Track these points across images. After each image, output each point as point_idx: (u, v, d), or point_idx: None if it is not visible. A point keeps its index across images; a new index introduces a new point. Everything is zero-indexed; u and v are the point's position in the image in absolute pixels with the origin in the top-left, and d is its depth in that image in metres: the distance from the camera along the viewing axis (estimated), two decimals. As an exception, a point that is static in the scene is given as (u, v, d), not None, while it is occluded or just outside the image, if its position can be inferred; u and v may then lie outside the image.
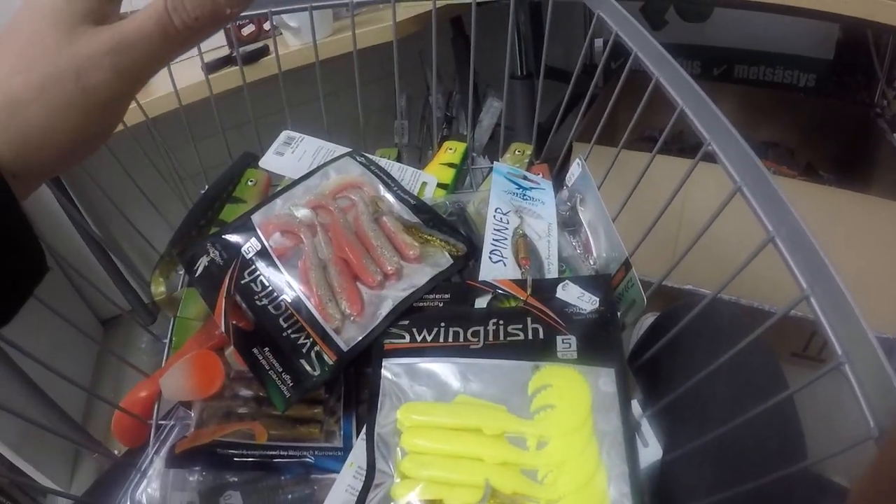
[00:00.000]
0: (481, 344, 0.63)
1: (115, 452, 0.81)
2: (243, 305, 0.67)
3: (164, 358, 0.79)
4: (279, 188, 0.84)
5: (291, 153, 0.93)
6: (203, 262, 0.72)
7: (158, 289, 0.83)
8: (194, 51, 0.99)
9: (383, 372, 0.62)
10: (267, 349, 0.64)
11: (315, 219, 0.75)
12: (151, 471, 0.66)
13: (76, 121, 0.36)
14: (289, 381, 0.62)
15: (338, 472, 0.60)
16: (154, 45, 0.38)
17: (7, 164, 0.34)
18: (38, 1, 0.37)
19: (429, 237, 0.73)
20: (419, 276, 0.70)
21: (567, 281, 0.67)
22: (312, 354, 0.63)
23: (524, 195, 0.82)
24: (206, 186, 0.99)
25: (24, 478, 1.47)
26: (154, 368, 0.78)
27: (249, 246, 0.72)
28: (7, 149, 0.34)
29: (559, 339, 0.62)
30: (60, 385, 1.29)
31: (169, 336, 0.80)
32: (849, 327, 0.42)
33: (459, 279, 0.72)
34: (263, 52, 1.37)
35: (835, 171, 1.71)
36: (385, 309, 0.67)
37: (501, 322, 0.64)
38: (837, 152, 1.73)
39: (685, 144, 1.69)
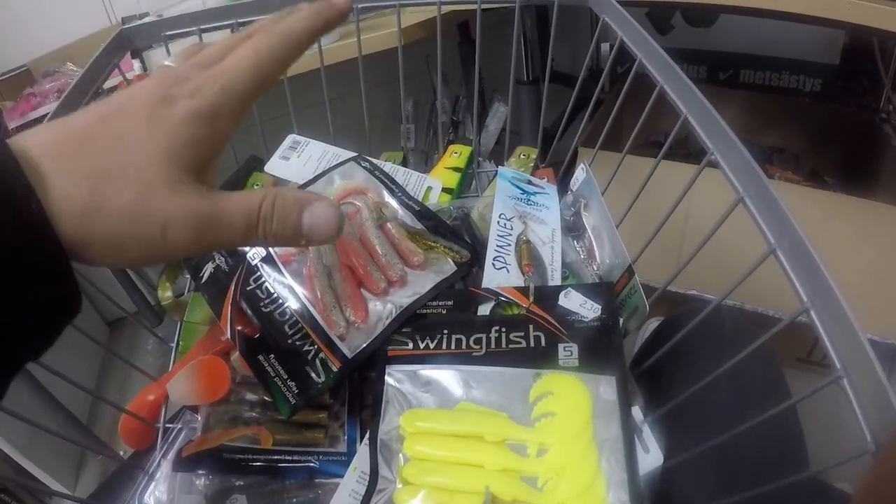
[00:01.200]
0: (483, 351, 0.63)
1: (121, 454, 0.82)
2: (249, 312, 0.68)
3: (171, 362, 0.80)
4: (285, 193, 0.84)
5: (297, 157, 0.94)
6: (209, 268, 0.72)
7: (165, 293, 0.83)
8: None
9: (387, 378, 0.63)
10: (272, 356, 0.65)
11: (320, 225, 0.75)
12: (159, 474, 0.67)
13: (141, 255, 0.38)
14: (294, 388, 0.63)
15: (341, 476, 0.60)
16: (234, 235, 0.40)
17: (67, 246, 0.34)
18: (156, 126, 0.38)
19: (433, 244, 0.73)
20: (423, 282, 0.70)
21: (569, 289, 0.67)
22: (317, 361, 0.64)
23: (528, 200, 0.82)
24: (213, 190, 0.99)
25: (30, 478, 1.48)
26: (159, 371, 0.79)
27: (255, 252, 0.73)
28: (70, 236, 0.34)
29: (561, 346, 0.62)
30: (66, 386, 1.29)
31: (176, 340, 0.81)
32: (847, 341, 0.42)
33: (463, 286, 0.72)
34: (270, 56, 1.37)
35: (840, 176, 1.71)
36: (389, 316, 0.67)
37: (504, 329, 0.65)
38: (843, 158, 1.73)
39: (690, 150, 1.69)
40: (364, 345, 0.65)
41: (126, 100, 0.39)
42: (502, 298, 0.68)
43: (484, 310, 0.67)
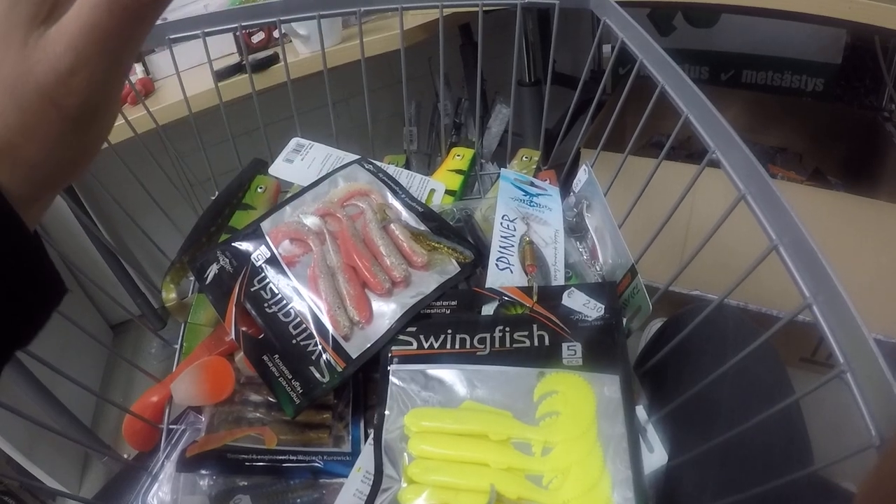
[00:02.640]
0: (487, 350, 0.63)
1: (125, 456, 0.82)
2: (253, 313, 0.68)
3: (175, 363, 0.80)
4: (288, 195, 0.85)
5: (301, 160, 0.94)
6: (213, 269, 0.73)
7: (169, 295, 0.84)
8: (204, 58, 1.00)
9: (391, 378, 0.63)
10: (277, 356, 0.65)
11: (324, 226, 0.76)
12: (162, 475, 0.67)
13: (76, 144, 0.34)
14: (298, 388, 0.63)
15: (346, 476, 0.61)
16: (115, 34, 0.32)
17: (21, 199, 0.32)
18: None
19: (436, 245, 0.74)
20: (427, 283, 0.70)
21: (573, 288, 0.67)
22: (321, 362, 0.64)
23: (531, 201, 0.83)
24: (216, 193, 1.00)
25: (33, 481, 1.48)
26: (163, 373, 0.79)
27: (259, 254, 0.73)
28: (16, 188, 0.32)
29: (564, 345, 0.62)
30: (70, 389, 1.29)
31: (180, 341, 0.81)
32: (851, 336, 0.42)
33: (466, 286, 0.72)
34: (273, 59, 1.37)
35: (842, 175, 1.71)
36: (393, 316, 0.67)
37: (507, 329, 0.65)
38: (845, 157, 1.73)
39: (692, 150, 1.69)
40: (368, 345, 0.65)
41: None
42: (506, 298, 0.68)
43: (488, 310, 0.68)
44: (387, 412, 0.61)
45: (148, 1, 0.31)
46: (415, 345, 0.65)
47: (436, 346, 0.65)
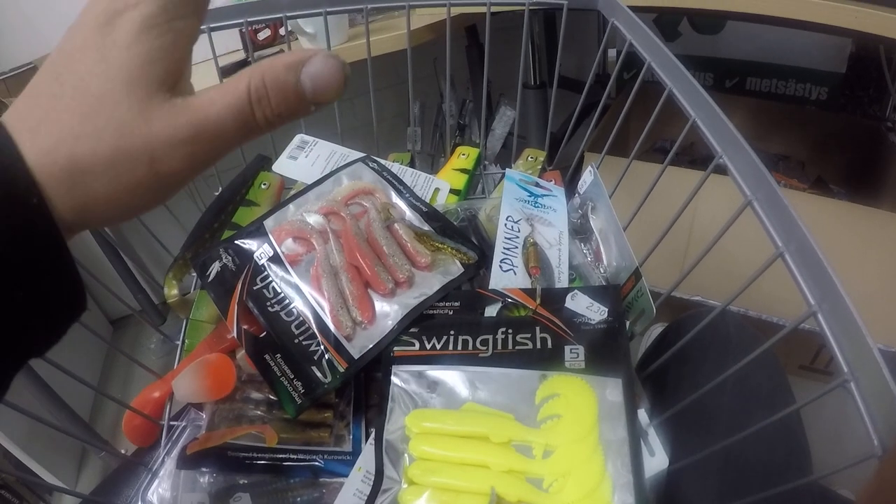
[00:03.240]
0: (490, 352, 0.63)
1: (123, 451, 0.82)
2: (255, 311, 0.68)
3: (177, 359, 0.80)
4: (292, 192, 0.85)
5: (305, 157, 0.94)
6: (216, 267, 0.73)
7: (171, 291, 0.83)
8: (209, 54, 1.00)
9: (393, 378, 0.63)
10: (279, 355, 0.65)
11: (327, 225, 0.75)
12: (162, 471, 0.67)
13: (143, 198, 0.35)
14: (300, 388, 0.63)
15: (346, 476, 0.60)
16: (231, 138, 0.36)
17: (67, 225, 0.32)
18: (109, 56, 0.33)
19: (440, 245, 0.74)
20: (430, 284, 0.70)
21: (576, 291, 0.67)
22: (324, 362, 0.64)
23: (536, 202, 0.83)
24: (220, 189, 0.99)
25: (31, 475, 1.48)
26: (163, 369, 0.79)
27: (262, 252, 0.73)
28: (67, 212, 0.32)
29: (567, 348, 0.62)
30: (68, 383, 1.29)
31: (181, 338, 0.81)
32: (855, 345, 0.42)
33: (470, 287, 0.72)
34: (278, 56, 1.37)
35: (845, 184, 1.71)
36: (396, 317, 0.67)
37: (510, 331, 0.65)
38: (848, 166, 1.73)
39: (695, 156, 1.69)
40: (371, 345, 0.65)
41: (71, 38, 0.35)
42: (509, 300, 0.68)
43: (491, 311, 0.67)
44: (388, 413, 0.61)
45: (263, 124, 0.36)
46: (417, 345, 0.65)
47: (438, 347, 0.65)
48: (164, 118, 0.34)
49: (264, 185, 0.95)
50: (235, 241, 0.75)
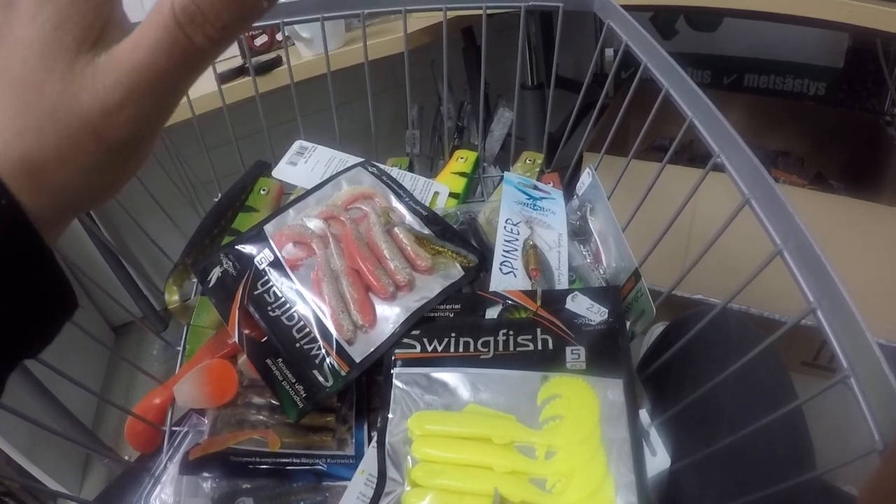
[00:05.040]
0: (491, 354, 0.63)
1: (126, 458, 0.82)
2: (256, 316, 0.68)
3: (178, 365, 0.80)
4: (292, 198, 0.85)
5: (304, 163, 0.94)
6: (216, 272, 0.73)
7: (172, 297, 0.84)
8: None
9: (394, 381, 0.63)
10: (280, 360, 0.65)
11: (327, 230, 0.76)
12: (165, 477, 0.67)
13: (109, 175, 0.33)
14: (302, 392, 0.63)
15: (349, 479, 0.61)
16: (174, 78, 0.31)
17: (45, 222, 0.31)
18: (18, 34, 0.30)
19: (440, 248, 0.74)
20: (431, 287, 0.70)
21: (576, 292, 0.67)
22: (325, 366, 0.64)
23: (534, 205, 0.83)
24: (219, 195, 1.00)
25: (34, 481, 1.48)
26: (165, 375, 0.79)
27: (262, 257, 0.73)
28: (40, 210, 0.31)
29: (568, 349, 0.62)
30: (71, 390, 1.29)
31: (182, 344, 0.81)
32: (855, 341, 0.42)
33: (470, 289, 0.72)
34: (276, 62, 1.37)
35: (844, 179, 1.71)
36: (397, 320, 0.67)
37: (511, 333, 0.65)
38: (847, 161, 1.73)
39: (694, 154, 1.69)
40: (372, 349, 0.65)
41: None
42: (510, 302, 0.68)
43: (492, 313, 0.68)
44: (390, 415, 0.61)
45: (207, 47, 0.30)
46: (418, 348, 0.65)
47: (439, 349, 0.65)
48: (91, 86, 0.30)
49: (264, 190, 0.95)
50: (236, 247, 0.75)
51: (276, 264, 0.73)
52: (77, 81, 0.30)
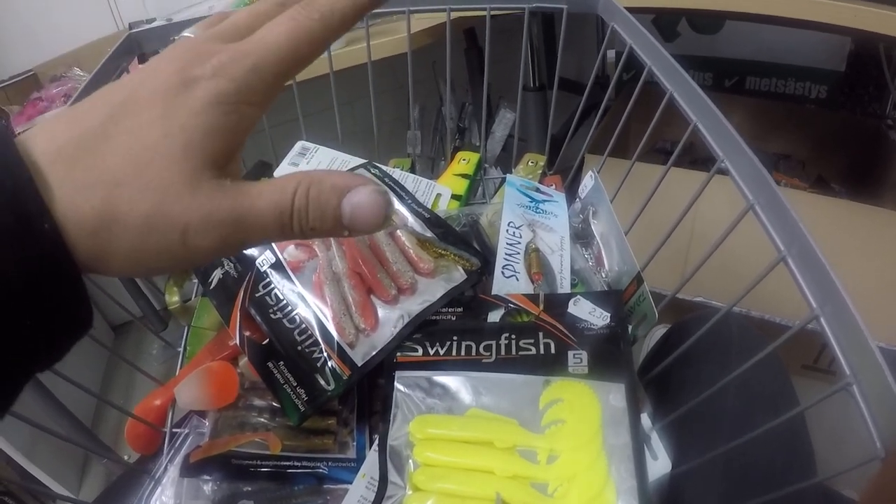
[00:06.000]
0: (493, 358, 0.63)
1: (126, 458, 0.82)
2: (258, 319, 0.68)
3: (178, 367, 0.80)
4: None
5: (306, 164, 0.94)
6: (217, 274, 0.73)
7: (172, 298, 0.83)
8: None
9: (396, 384, 0.63)
10: (281, 363, 0.65)
11: (329, 231, 0.75)
12: (165, 479, 0.67)
13: (164, 263, 0.34)
14: (303, 396, 0.63)
15: (350, 483, 0.60)
16: (265, 235, 0.35)
17: (85, 264, 0.32)
18: (174, 116, 0.33)
19: (443, 251, 0.73)
20: (433, 290, 0.70)
21: (578, 296, 0.67)
22: (327, 369, 0.64)
23: (537, 208, 0.83)
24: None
25: (34, 482, 1.48)
26: (165, 375, 0.79)
27: (264, 258, 0.73)
28: (84, 253, 0.31)
29: (570, 353, 0.62)
30: (70, 392, 1.29)
31: (183, 345, 0.81)
32: (857, 347, 0.42)
33: (473, 292, 0.72)
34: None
35: (846, 183, 1.71)
36: (399, 323, 0.67)
37: (513, 336, 0.65)
38: (849, 164, 1.73)
39: (696, 156, 1.69)
40: (374, 352, 0.65)
41: (139, 85, 0.34)
42: (512, 305, 0.68)
43: (494, 317, 0.67)
44: (392, 419, 0.61)
45: (297, 233, 0.35)
46: (420, 351, 0.65)
47: (441, 352, 0.65)
48: (210, 195, 0.33)
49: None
50: (237, 248, 0.75)
51: (277, 266, 0.72)
52: (201, 183, 0.33)
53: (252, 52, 0.35)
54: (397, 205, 0.80)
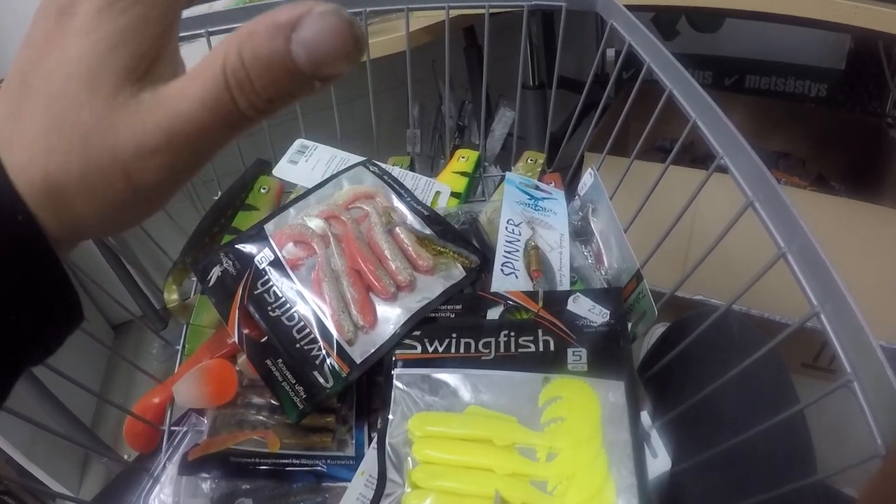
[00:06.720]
0: (493, 355, 0.63)
1: (125, 457, 0.82)
2: (256, 316, 0.68)
3: (177, 365, 0.80)
4: (292, 197, 0.84)
5: (305, 162, 0.94)
6: (216, 272, 0.72)
7: (171, 296, 0.83)
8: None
9: (395, 382, 0.63)
10: (280, 361, 0.65)
11: (328, 229, 0.75)
12: (164, 477, 0.67)
13: (129, 213, 0.32)
14: (302, 393, 0.62)
15: (349, 480, 0.60)
16: (214, 136, 0.29)
17: (57, 241, 0.30)
18: (68, 46, 0.29)
19: (442, 249, 0.73)
20: (432, 288, 0.70)
21: (578, 294, 0.67)
22: (326, 367, 0.64)
23: (536, 205, 0.82)
24: (219, 193, 0.99)
25: (33, 481, 1.48)
26: (164, 374, 0.79)
27: (262, 256, 0.73)
28: (55, 229, 0.30)
29: (570, 351, 0.62)
30: (70, 390, 1.29)
31: (182, 343, 0.81)
32: (858, 345, 0.42)
33: (472, 290, 0.72)
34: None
35: (846, 181, 1.71)
36: (398, 321, 0.67)
37: (513, 334, 0.65)
38: (848, 162, 1.73)
39: (695, 155, 1.69)
40: (373, 350, 0.65)
41: (33, 28, 0.31)
42: (511, 303, 0.68)
43: (493, 314, 0.67)
44: (390, 416, 0.61)
45: (251, 114, 0.29)
46: (419, 349, 0.65)
47: (440, 350, 0.65)
48: (131, 122, 0.29)
49: (264, 189, 0.94)
50: (236, 246, 0.75)
51: (276, 264, 0.72)
52: (117, 112, 0.29)
53: None
54: (396, 202, 0.80)
